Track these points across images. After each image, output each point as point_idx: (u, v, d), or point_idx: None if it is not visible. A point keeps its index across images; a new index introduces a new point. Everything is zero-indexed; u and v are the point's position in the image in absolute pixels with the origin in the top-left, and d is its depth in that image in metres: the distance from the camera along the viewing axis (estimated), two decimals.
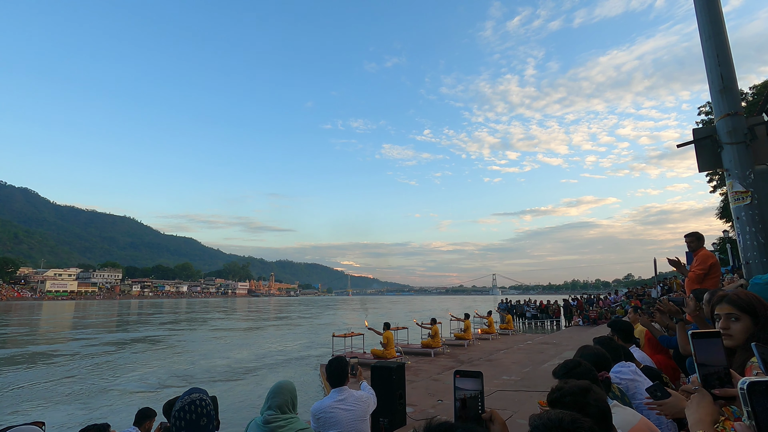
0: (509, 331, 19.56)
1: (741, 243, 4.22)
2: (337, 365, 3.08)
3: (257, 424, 2.33)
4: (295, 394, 2.44)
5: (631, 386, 2.30)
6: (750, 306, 1.51)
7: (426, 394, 7.45)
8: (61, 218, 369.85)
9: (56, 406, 9.23)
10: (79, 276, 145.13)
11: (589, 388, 1.34)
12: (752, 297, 1.55)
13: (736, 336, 1.50)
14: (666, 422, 2.12)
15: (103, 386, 11.05)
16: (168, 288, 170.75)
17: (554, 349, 12.81)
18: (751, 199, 4.13)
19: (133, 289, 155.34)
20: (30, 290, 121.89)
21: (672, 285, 16.19)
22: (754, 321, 1.48)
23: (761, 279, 3.51)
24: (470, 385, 1.17)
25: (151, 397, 9.72)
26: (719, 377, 1.08)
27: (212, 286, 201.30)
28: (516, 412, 5.60)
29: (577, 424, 1.02)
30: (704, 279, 4.21)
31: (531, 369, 9.44)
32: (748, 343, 1.44)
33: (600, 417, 1.27)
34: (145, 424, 4.17)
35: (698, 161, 4.62)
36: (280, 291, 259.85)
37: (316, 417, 2.95)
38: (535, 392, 6.73)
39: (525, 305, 27.25)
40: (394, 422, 5.22)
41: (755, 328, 1.47)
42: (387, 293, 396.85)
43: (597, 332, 12.93)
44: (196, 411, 1.71)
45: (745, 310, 1.50)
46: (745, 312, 1.50)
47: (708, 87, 4.59)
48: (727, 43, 4.48)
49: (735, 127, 4.29)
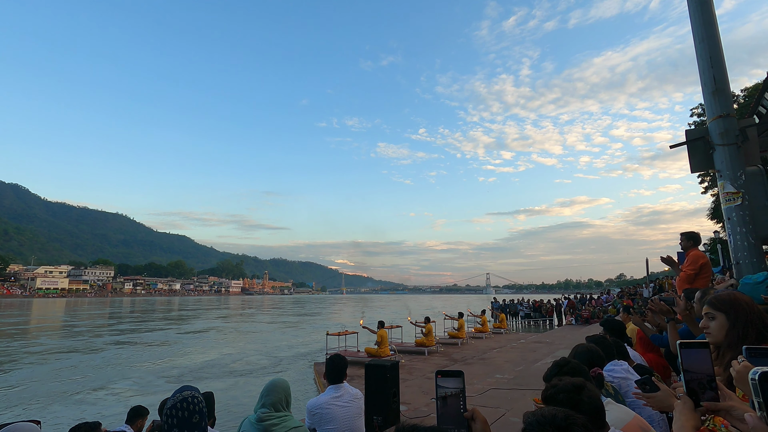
0: (503, 330, 19.66)
1: (732, 243, 4.28)
2: (338, 362, 3.13)
3: (251, 422, 2.32)
4: (289, 392, 2.44)
5: (624, 384, 2.32)
6: (724, 304, 1.63)
7: (420, 393, 7.47)
8: (52, 215, 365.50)
9: (49, 405, 9.14)
10: (71, 273, 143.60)
11: (583, 385, 1.35)
12: (730, 296, 1.65)
13: (713, 333, 1.63)
14: (657, 419, 2.14)
15: (95, 385, 10.96)
16: (161, 286, 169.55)
17: (547, 348, 12.90)
18: (742, 200, 4.18)
19: (125, 287, 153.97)
20: (20, 288, 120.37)
21: (663, 285, 16.38)
22: (728, 318, 1.59)
23: (751, 279, 3.56)
24: (452, 385, 1.16)
25: (142, 396, 9.65)
26: (701, 384, 1.08)
27: (205, 284, 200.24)
28: (509, 410, 5.63)
29: (570, 420, 1.03)
30: (695, 279, 4.25)
31: (524, 368, 9.50)
32: (727, 340, 1.56)
33: (594, 414, 1.28)
34: (138, 423, 4.15)
35: (691, 162, 4.67)
36: (274, 289, 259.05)
37: (312, 413, 2.95)
38: (528, 390, 6.78)
39: (518, 304, 27.39)
40: (387, 420, 5.21)
41: (729, 324, 1.58)
42: (381, 292, 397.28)
43: (589, 331, 13.03)
44: (188, 408, 1.70)
45: (720, 309, 1.63)
46: (719, 310, 1.63)
47: (701, 89, 4.64)
48: (720, 46, 4.53)
49: (727, 128, 4.34)
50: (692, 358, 1.09)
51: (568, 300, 25.66)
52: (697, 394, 1.08)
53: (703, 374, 1.08)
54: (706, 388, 1.07)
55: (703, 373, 1.08)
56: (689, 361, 1.09)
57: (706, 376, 1.08)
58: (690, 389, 1.09)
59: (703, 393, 1.07)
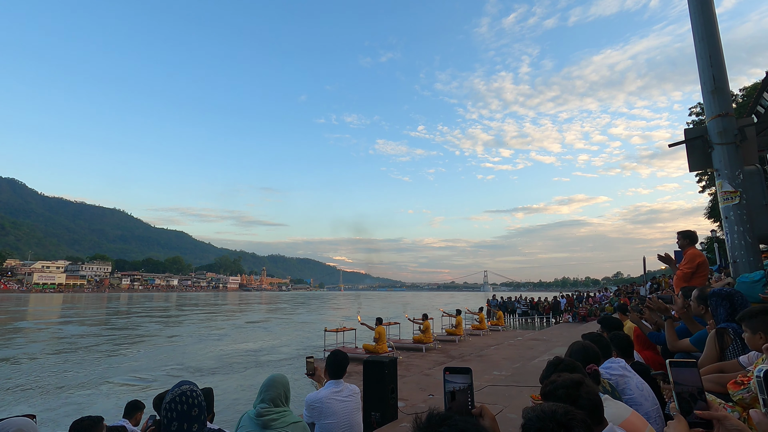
0: (500, 328, 19.75)
1: (729, 242, 4.30)
2: (340, 358, 3.17)
3: (250, 417, 2.33)
4: (288, 388, 2.44)
5: (621, 382, 2.33)
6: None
7: (417, 389, 7.50)
8: (49, 210, 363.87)
9: (45, 399, 9.13)
10: (68, 269, 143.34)
11: (581, 381, 1.36)
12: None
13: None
14: (654, 416, 2.16)
15: (92, 379, 10.95)
16: (158, 282, 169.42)
17: (544, 345, 12.95)
18: (739, 199, 4.20)
19: (122, 283, 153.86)
20: (17, 282, 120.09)
21: (660, 283, 16.45)
22: None
23: (747, 278, 3.58)
24: (460, 381, 1.18)
25: (140, 390, 9.66)
26: (692, 396, 1.13)
27: (203, 280, 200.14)
28: (506, 406, 5.66)
29: (569, 416, 1.04)
30: (692, 277, 4.27)
31: (521, 365, 9.54)
32: None
33: (592, 409, 1.29)
34: (136, 416, 4.17)
35: (689, 161, 4.69)
36: (272, 286, 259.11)
37: (312, 407, 2.97)
38: (525, 387, 6.81)
39: (516, 302, 27.49)
40: (385, 416, 5.24)
41: None
42: (379, 289, 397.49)
43: (586, 329, 13.09)
44: (187, 402, 1.71)
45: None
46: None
47: (700, 88, 4.65)
48: (720, 45, 4.54)
49: (725, 127, 4.35)
50: (682, 374, 1.15)
51: (567, 297, 25.77)
52: (689, 404, 1.13)
53: (693, 386, 1.14)
54: (697, 399, 1.13)
55: (693, 385, 1.14)
56: (679, 376, 1.15)
57: (696, 388, 1.14)
58: (681, 400, 1.14)
59: (695, 403, 1.13)
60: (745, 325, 1.94)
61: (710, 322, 2.79)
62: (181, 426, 1.68)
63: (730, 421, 1.06)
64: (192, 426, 1.70)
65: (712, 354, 2.40)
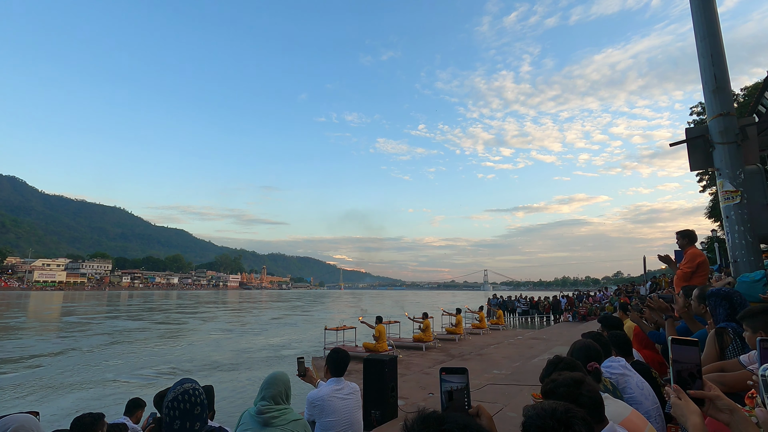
0: (500, 326, 19.75)
1: (729, 241, 4.30)
2: (342, 356, 3.19)
3: (250, 415, 2.33)
4: (288, 386, 2.44)
5: (621, 380, 2.33)
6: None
7: (417, 387, 7.51)
8: (49, 208, 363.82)
9: (48, 396, 9.16)
10: (68, 266, 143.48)
11: (582, 379, 1.36)
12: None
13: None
14: (654, 415, 2.16)
15: (94, 377, 10.98)
16: (158, 280, 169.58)
17: (544, 344, 12.96)
18: (740, 199, 4.19)
19: (123, 281, 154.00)
20: (17, 280, 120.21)
21: (661, 282, 16.44)
22: None
23: (748, 277, 3.58)
24: (456, 381, 1.19)
25: (141, 387, 9.68)
26: (691, 374, 1.16)
27: (203, 278, 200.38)
28: (506, 405, 5.67)
29: (570, 414, 1.04)
30: (692, 277, 4.27)
31: (521, 364, 9.55)
32: None
33: (593, 408, 1.29)
34: (137, 414, 4.19)
35: (690, 160, 4.68)
36: (272, 284, 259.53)
37: (313, 404, 2.98)
38: (525, 386, 6.82)
39: (516, 301, 27.48)
40: (385, 414, 5.26)
41: None
42: (379, 287, 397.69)
43: (586, 328, 13.10)
44: (189, 400, 1.70)
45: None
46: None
47: (701, 87, 4.64)
48: (722, 44, 4.53)
49: (727, 127, 4.35)
50: (682, 352, 1.17)
51: (567, 297, 25.76)
52: (686, 382, 1.15)
53: (692, 364, 1.16)
54: (695, 377, 1.15)
55: (692, 363, 1.16)
56: (679, 354, 1.17)
57: (694, 366, 1.16)
58: (679, 378, 1.16)
59: (693, 382, 1.15)
60: (746, 324, 1.95)
61: (710, 322, 2.79)
62: (183, 424, 1.68)
63: (723, 400, 1.08)
64: (194, 424, 1.70)
65: (712, 353, 2.40)
